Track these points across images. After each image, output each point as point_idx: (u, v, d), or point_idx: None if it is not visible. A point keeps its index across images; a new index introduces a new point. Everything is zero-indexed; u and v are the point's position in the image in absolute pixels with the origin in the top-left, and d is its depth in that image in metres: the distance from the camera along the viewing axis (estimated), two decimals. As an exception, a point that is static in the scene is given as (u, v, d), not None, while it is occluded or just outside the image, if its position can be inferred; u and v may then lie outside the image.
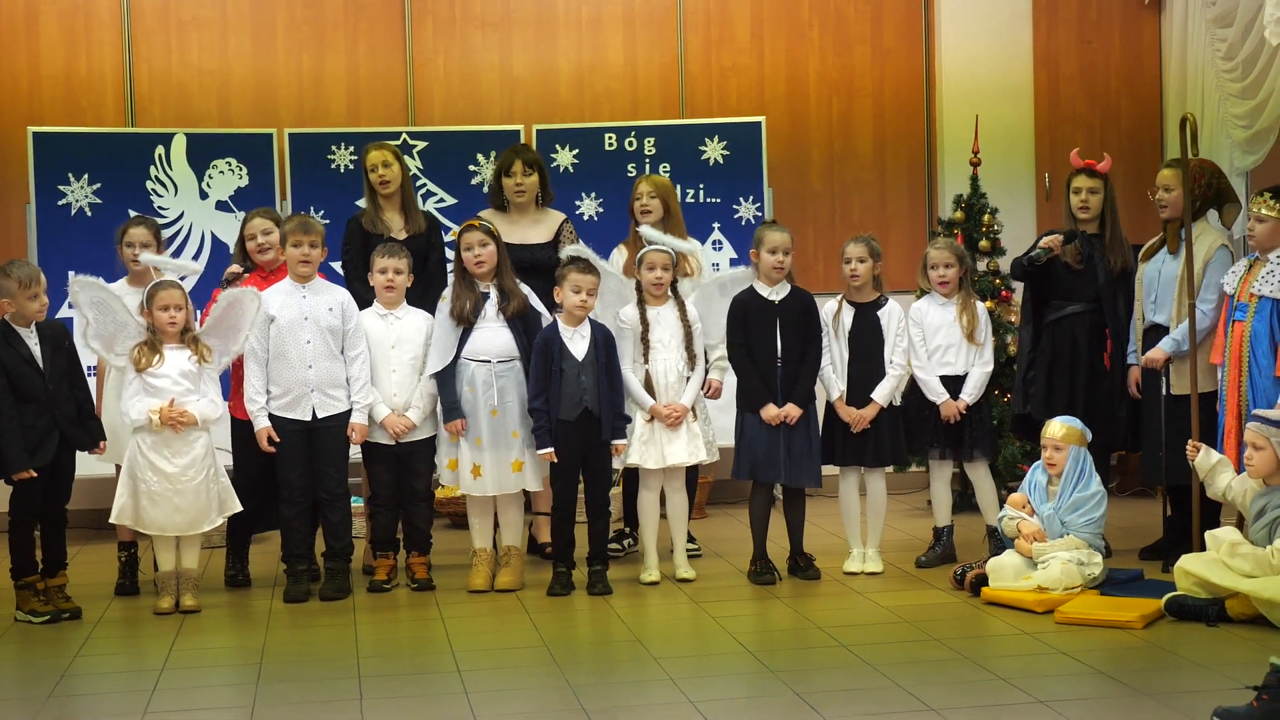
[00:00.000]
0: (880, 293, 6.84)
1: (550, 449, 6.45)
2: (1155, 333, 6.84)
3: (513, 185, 7.13)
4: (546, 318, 6.68)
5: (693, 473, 6.94)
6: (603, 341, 6.50)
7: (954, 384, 6.87)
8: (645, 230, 6.83)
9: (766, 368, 6.63)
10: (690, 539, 7.11)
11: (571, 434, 6.45)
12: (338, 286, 6.69)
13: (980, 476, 6.94)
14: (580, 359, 6.44)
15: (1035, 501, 6.45)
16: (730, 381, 6.91)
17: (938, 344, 6.88)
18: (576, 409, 6.43)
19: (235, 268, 6.72)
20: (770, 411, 6.58)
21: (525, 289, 6.66)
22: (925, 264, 6.99)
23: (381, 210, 7.04)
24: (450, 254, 7.00)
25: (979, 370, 6.86)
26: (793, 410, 6.57)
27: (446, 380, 6.58)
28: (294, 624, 6.13)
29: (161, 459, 6.21)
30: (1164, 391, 6.76)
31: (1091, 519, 6.32)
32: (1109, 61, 9.29)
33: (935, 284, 6.93)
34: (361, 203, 7.33)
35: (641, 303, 6.69)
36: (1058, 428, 6.46)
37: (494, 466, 6.58)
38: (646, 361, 6.62)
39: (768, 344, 6.64)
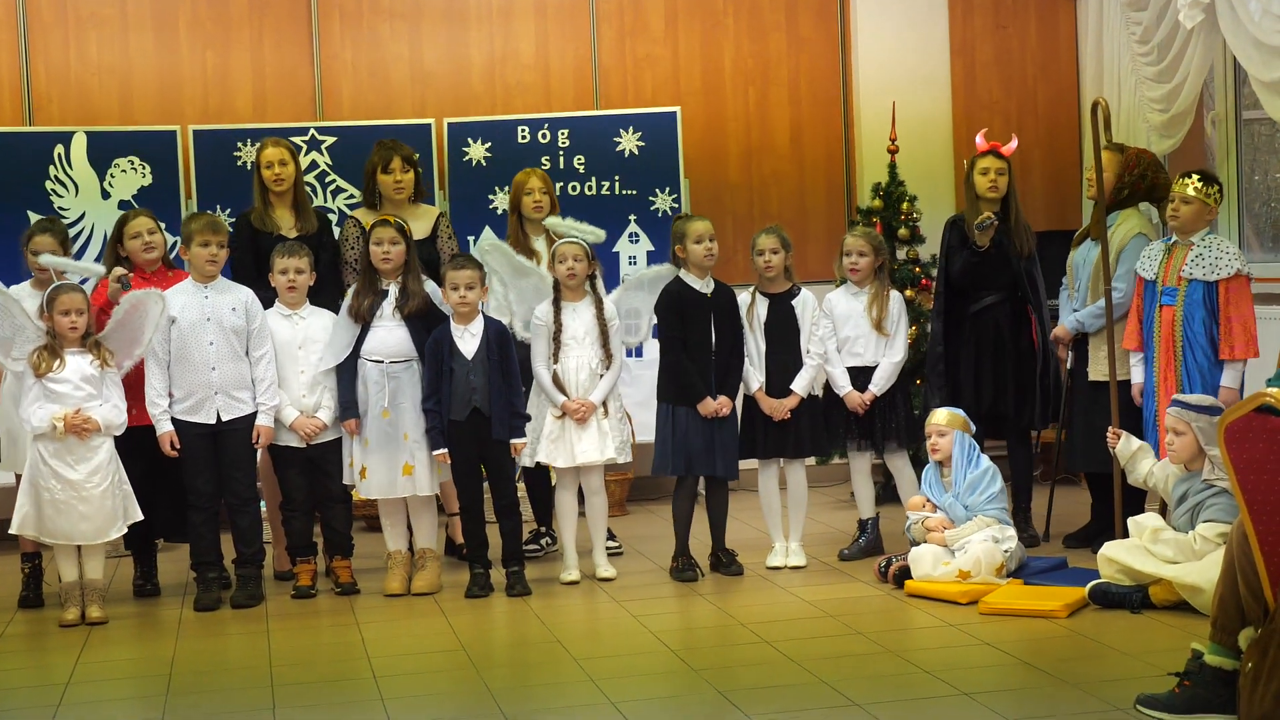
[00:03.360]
0: (792, 283, 6.79)
1: (444, 450, 6.35)
2: (1077, 321, 6.88)
3: (392, 182, 6.99)
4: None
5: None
6: (495, 339, 6.38)
7: (864, 375, 6.83)
8: (551, 221, 6.76)
9: (702, 361, 6.56)
10: (611, 536, 7.03)
11: (464, 434, 6.35)
12: (241, 286, 6.54)
13: (900, 466, 6.91)
14: (470, 358, 6.33)
15: (934, 497, 6.49)
16: (650, 375, 6.86)
17: (846, 334, 6.86)
18: (466, 409, 6.33)
19: (120, 269, 6.50)
20: (709, 406, 6.51)
21: (430, 287, 6.54)
22: (841, 250, 6.94)
23: (272, 208, 6.93)
24: (352, 253, 6.90)
25: (887, 361, 6.82)
26: (727, 403, 6.53)
27: (344, 378, 6.47)
28: (205, 633, 6.01)
29: (65, 466, 6.05)
30: (1067, 367, 6.84)
31: (991, 494, 6.36)
32: (1025, 48, 9.28)
33: (847, 271, 6.90)
34: (258, 199, 7.19)
35: (557, 300, 6.59)
36: (942, 414, 6.55)
37: (382, 469, 6.45)
38: (556, 361, 6.53)
39: (703, 337, 6.57)
